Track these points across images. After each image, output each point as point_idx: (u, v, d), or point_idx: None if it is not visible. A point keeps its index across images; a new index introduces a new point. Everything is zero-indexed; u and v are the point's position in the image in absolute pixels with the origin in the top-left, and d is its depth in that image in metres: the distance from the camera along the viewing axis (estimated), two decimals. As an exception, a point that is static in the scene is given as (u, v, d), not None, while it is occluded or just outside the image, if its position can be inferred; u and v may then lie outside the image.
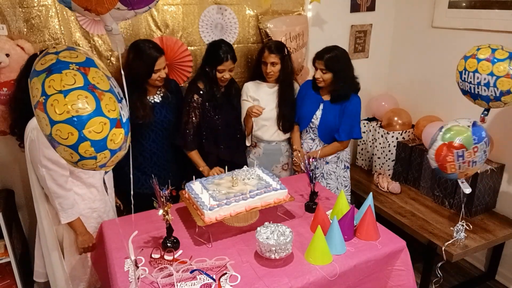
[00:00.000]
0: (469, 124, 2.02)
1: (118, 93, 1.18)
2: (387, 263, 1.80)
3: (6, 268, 2.33)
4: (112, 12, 1.09)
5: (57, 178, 1.81)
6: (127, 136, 1.16)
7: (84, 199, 1.97)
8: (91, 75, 1.08)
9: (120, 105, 1.14)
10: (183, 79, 2.61)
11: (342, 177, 2.64)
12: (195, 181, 2.01)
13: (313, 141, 2.58)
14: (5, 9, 2.09)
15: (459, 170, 2.05)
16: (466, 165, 2.03)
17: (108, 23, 1.12)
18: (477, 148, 2.00)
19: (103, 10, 1.07)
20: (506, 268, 2.78)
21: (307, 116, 2.54)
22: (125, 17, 1.16)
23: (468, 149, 1.99)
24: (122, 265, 1.65)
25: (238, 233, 1.88)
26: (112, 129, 1.08)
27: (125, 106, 1.18)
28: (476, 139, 1.99)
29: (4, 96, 2.05)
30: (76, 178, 1.92)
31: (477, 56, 2.04)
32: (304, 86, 2.63)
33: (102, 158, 1.10)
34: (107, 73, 1.18)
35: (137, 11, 1.15)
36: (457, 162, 2.02)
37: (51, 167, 1.78)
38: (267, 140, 2.63)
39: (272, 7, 2.76)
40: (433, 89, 3.10)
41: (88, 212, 2.01)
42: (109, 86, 1.12)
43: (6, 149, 2.35)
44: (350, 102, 2.44)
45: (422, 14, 3.08)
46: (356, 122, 2.47)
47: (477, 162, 2.03)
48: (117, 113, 1.10)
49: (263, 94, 2.55)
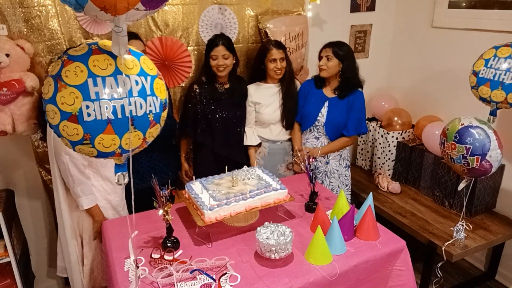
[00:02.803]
0: (464, 123, 2.02)
1: (104, 93, 1.16)
2: (387, 263, 1.80)
3: (6, 268, 2.33)
4: (128, 12, 1.07)
5: (79, 165, 1.93)
6: (86, 134, 1.18)
7: (100, 190, 2.05)
8: (67, 68, 1.14)
9: (89, 104, 1.14)
10: (182, 79, 2.61)
11: (344, 176, 2.65)
12: (195, 181, 2.01)
13: (318, 140, 2.58)
14: (5, 9, 2.08)
15: (443, 156, 2.19)
16: (446, 156, 2.12)
17: (121, 24, 1.09)
18: (455, 147, 2.02)
19: (122, 10, 1.04)
20: (506, 268, 2.78)
21: (312, 115, 2.54)
22: (136, 18, 1.14)
23: (448, 140, 2.07)
24: (122, 265, 1.65)
25: (238, 233, 1.88)
26: (63, 121, 1.15)
27: (104, 108, 1.15)
28: (457, 139, 2.01)
29: (4, 96, 2.05)
30: (93, 169, 2.01)
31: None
32: (305, 85, 2.63)
33: (65, 143, 1.22)
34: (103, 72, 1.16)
35: (149, 12, 1.14)
36: (440, 147, 2.16)
37: (73, 155, 1.89)
38: (272, 140, 2.63)
39: (272, 7, 2.76)
40: (433, 89, 3.10)
41: (104, 203, 2.08)
42: (80, 82, 1.14)
43: (6, 149, 2.36)
44: (356, 97, 2.48)
45: (422, 14, 3.08)
46: (363, 117, 2.53)
47: (455, 161, 2.06)
48: (74, 108, 1.13)
49: (266, 96, 2.56)
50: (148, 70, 1.24)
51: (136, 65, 1.21)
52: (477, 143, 1.96)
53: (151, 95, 1.23)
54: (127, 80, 1.17)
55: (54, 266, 2.64)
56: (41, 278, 2.69)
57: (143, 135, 1.26)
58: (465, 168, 2.04)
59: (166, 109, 1.31)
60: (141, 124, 1.23)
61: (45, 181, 2.39)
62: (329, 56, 2.42)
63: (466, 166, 2.03)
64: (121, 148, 1.23)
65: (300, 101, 2.60)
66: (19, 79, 2.07)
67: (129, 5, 1.04)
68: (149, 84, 1.23)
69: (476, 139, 1.97)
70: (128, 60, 1.19)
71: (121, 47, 1.12)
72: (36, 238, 2.61)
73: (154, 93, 1.24)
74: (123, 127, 1.19)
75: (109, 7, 1.02)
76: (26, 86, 2.08)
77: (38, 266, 2.67)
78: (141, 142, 1.27)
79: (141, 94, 1.21)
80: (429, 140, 2.78)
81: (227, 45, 2.38)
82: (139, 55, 1.25)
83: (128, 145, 1.22)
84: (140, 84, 1.20)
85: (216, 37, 2.40)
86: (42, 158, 2.34)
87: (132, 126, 1.20)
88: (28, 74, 2.12)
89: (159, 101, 1.27)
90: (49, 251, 2.67)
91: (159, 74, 1.29)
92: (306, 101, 2.57)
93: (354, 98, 2.48)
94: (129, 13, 1.07)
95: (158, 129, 1.31)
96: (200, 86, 2.45)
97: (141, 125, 1.23)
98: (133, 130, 1.21)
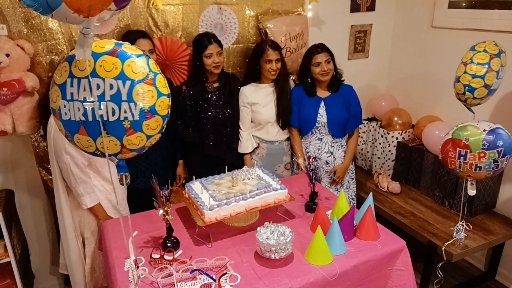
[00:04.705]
0: (486, 128, 1.97)
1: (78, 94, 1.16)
2: (387, 263, 1.79)
3: (6, 268, 2.33)
4: (100, 13, 1.04)
5: (80, 164, 1.94)
6: (66, 132, 1.21)
7: (101, 190, 2.06)
8: (59, 67, 1.19)
9: (65, 104, 1.15)
10: (184, 78, 2.60)
11: (350, 170, 2.72)
12: (195, 181, 2.01)
13: (321, 141, 2.61)
14: (5, 9, 2.08)
15: (460, 169, 2.05)
16: (467, 167, 2.02)
17: (91, 26, 1.06)
18: (485, 154, 1.97)
19: (96, 12, 1.02)
20: (506, 268, 2.78)
21: (310, 118, 2.56)
22: (105, 19, 1.11)
23: (472, 151, 1.98)
24: (122, 265, 1.65)
25: (238, 233, 1.88)
26: (52, 116, 1.23)
27: (76, 109, 1.15)
28: (487, 146, 1.95)
29: (4, 96, 2.05)
30: (93, 169, 2.01)
31: (501, 50, 2.04)
32: (296, 91, 2.64)
33: None
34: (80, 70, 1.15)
35: (117, 12, 1.11)
36: (458, 160, 2.03)
37: (74, 154, 1.90)
38: (270, 141, 2.63)
39: (272, 7, 2.76)
40: (433, 89, 3.10)
41: (105, 203, 2.08)
42: (62, 81, 1.16)
43: (6, 149, 2.36)
44: (349, 92, 2.62)
45: (422, 14, 3.08)
46: (360, 109, 2.67)
47: (483, 168, 2.00)
48: (56, 106, 1.19)
49: (262, 96, 2.56)
50: (132, 74, 1.14)
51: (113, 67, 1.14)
52: (506, 143, 1.96)
53: (128, 101, 1.13)
54: (94, 83, 1.12)
55: (55, 264, 2.65)
56: (41, 278, 2.69)
57: (120, 142, 1.17)
58: (491, 171, 2.02)
59: (154, 117, 1.18)
60: (114, 131, 1.15)
61: (45, 181, 2.39)
62: (328, 59, 2.48)
63: (494, 169, 2.01)
64: (98, 150, 1.19)
65: (294, 106, 2.61)
66: (19, 79, 2.07)
67: (103, 5, 1.02)
68: (126, 89, 1.13)
69: (505, 140, 1.96)
70: (82, 61, 1.14)
71: (85, 49, 1.09)
72: (36, 238, 2.61)
73: (132, 99, 1.13)
74: (96, 131, 1.15)
75: (83, 8, 0.99)
76: (26, 86, 2.08)
77: (38, 266, 2.67)
78: (121, 149, 1.19)
79: (114, 99, 1.12)
80: (429, 140, 2.78)
81: (218, 41, 2.42)
82: (125, 57, 1.16)
83: (104, 149, 1.18)
84: (115, 89, 1.12)
85: (205, 36, 2.40)
86: (42, 158, 2.34)
87: (104, 131, 1.15)
88: (28, 74, 2.12)
89: (139, 108, 1.14)
90: (50, 249, 2.67)
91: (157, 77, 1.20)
92: (301, 106, 2.59)
93: (349, 94, 2.59)
94: (100, 14, 1.05)
95: (143, 138, 1.20)
96: (189, 86, 2.47)
97: (115, 131, 1.15)
98: (106, 135, 1.15)
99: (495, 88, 2.05)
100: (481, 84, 2.01)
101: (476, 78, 2.01)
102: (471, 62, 2.03)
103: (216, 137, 2.53)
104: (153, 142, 1.24)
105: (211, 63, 2.38)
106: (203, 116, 2.48)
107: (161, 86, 1.20)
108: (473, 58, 2.03)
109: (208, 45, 2.36)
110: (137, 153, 1.25)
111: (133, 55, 1.17)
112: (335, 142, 2.61)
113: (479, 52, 2.03)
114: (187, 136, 2.51)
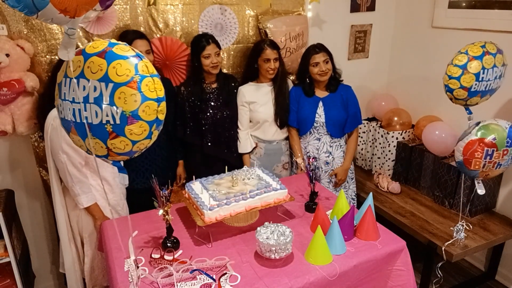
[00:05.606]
0: (507, 126, 1.98)
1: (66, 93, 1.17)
2: (387, 263, 1.80)
3: (6, 268, 2.33)
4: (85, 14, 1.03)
5: (76, 164, 1.93)
6: (65, 129, 1.26)
7: (98, 190, 2.05)
8: (62, 67, 1.21)
9: (60, 103, 1.19)
10: (183, 78, 2.60)
11: (350, 170, 2.72)
12: (195, 181, 2.01)
13: (319, 141, 2.61)
14: (5, 9, 2.08)
15: (482, 169, 2.03)
16: (490, 165, 2.00)
17: (76, 26, 1.05)
18: (507, 151, 1.97)
19: (82, 12, 1.01)
20: (506, 268, 2.78)
21: (309, 118, 2.56)
22: (89, 19, 1.10)
23: (498, 149, 1.97)
24: (122, 265, 1.65)
25: (238, 233, 1.88)
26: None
27: (67, 109, 1.17)
28: (510, 142, 1.96)
29: (4, 96, 2.05)
30: (91, 169, 2.01)
31: (489, 51, 2.02)
32: (295, 91, 2.64)
33: None
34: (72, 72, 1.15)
35: (102, 12, 1.11)
36: (483, 160, 1.99)
37: (71, 154, 1.90)
38: (268, 140, 2.63)
39: (272, 7, 2.76)
40: (433, 89, 3.09)
41: (103, 203, 2.08)
42: (59, 81, 1.20)
43: (6, 149, 2.35)
44: (348, 92, 2.60)
45: (422, 14, 3.08)
46: (358, 109, 2.65)
47: (502, 165, 2.01)
48: (56, 103, 1.23)
49: (261, 95, 2.57)
50: (115, 77, 1.10)
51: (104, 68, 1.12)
52: None
53: (110, 104, 1.10)
54: (81, 85, 1.12)
55: (55, 264, 2.65)
56: (41, 278, 2.69)
57: (105, 145, 1.15)
58: (506, 168, 2.04)
59: (137, 123, 1.13)
60: (98, 133, 1.14)
61: (45, 181, 2.39)
62: (327, 59, 2.49)
63: (509, 165, 2.03)
64: (89, 151, 1.20)
65: (293, 106, 2.61)
66: (19, 79, 2.07)
67: (89, 6, 1.02)
68: (108, 92, 1.09)
69: None
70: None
71: (69, 50, 1.08)
72: (36, 238, 2.61)
73: (113, 102, 1.10)
74: (84, 132, 1.15)
75: (70, 9, 0.98)
76: (26, 86, 2.08)
77: (38, 266, 2.67)
78: (108, 151, 1.17)
79: (96, 102, 1.10)
80: (429, 140, 2.78)
81: (216, 42, 2.42)
82: (112, 59, 1.11)
83: (91, 150, 1.19)
84: (98, 91, 1.09)
85: (203, 37, 2.41)
86: (42, 158, 2.34)
87: (90, 133, 1.14)
88: (28, 74, 2.12)
89: (120, 113, 1.10)
90: (50, 249, 2.67)
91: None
92: (299, 106, 2.59)
93: (347, 94, 2.59)
94: (86, 14, 1.04)
95: (128, 143, 1.15)
96: (187, 87, 2.47)
97: (99, 134, 1.14)
98: (91, 137, 1.15)
99: (490, 89, 2.05)
100: (457, 85, 2.02)
101: (452, 79, 2.04)
102: (451, 63, 2.06)
103: (215, 137, 2.53)
104: (141, 147, 1.19)
105: (209, 63, 2.39)
106: (202, 117, 2.48)
107: (148, 90, 1.13)
108: (454, 59, 2.06)
109: (206, 45, 2.36)
110: (128, 157, 1.21)
111: (123, 57, 1.12)
112: (333, 142, 2.61)
113: (460, 54, 2.04)
114: (186, 137, 2.51)
